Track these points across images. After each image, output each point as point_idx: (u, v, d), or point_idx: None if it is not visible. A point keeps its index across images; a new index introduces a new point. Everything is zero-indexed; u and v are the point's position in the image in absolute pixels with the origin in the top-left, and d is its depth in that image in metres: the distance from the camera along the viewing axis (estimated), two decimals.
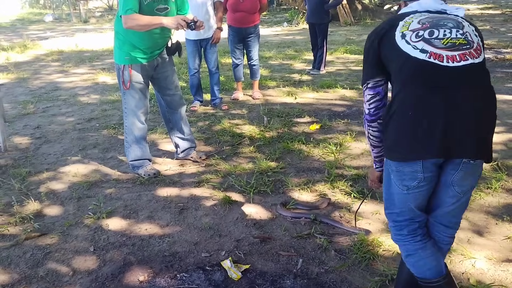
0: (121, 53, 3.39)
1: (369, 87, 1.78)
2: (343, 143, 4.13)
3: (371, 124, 1.82)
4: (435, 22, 1.65)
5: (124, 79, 3.42)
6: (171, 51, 3.55)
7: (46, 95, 6.81)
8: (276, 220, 2.90)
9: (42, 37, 15.89)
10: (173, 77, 3.70)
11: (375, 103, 1.78)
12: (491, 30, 12.03)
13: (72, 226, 2.95)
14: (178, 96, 3.77)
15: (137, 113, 3.55)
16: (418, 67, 1.58)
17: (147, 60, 3.43)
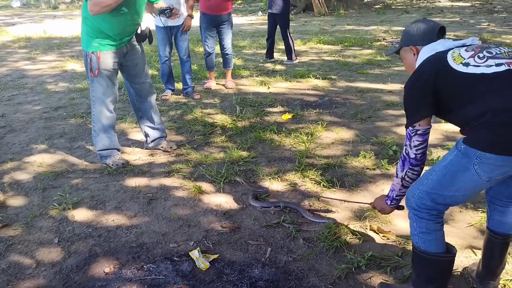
0: (89, 39, 3.29)
1: (418, 134, 1.83)
2: (314, 132, 4.14)
3: (414, 168, 1.90)
4: (479, 46, 1.77)
5: (92, 66, 3.32)
6: (141, 37, 3.49)
7: (12, 82, 6.60)
8: (246, 210, 2.89)
9: (9, 23, 15.35)
10: (143, 64, 3.62)
11: (423, 149, 1.87)
12: (460, 22, 12.28)
13: (37, 218, 2.87)
14: (148, 84, 3.70)
15: (105, 101, 3.45)
16: (504, 76, 1.64)
17: (116, 47, 3.33)
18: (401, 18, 13.83)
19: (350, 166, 3.44)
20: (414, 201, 1.87)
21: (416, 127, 1.83)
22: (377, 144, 3.84)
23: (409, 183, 1.95)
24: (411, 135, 1.85)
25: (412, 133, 1.84)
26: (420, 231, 1.89)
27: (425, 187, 1.83)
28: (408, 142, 1.87)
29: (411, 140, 1.85)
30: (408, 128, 1.86)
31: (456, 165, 1.75)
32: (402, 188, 1.99)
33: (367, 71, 6.62)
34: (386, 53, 2.23)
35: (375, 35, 10.11)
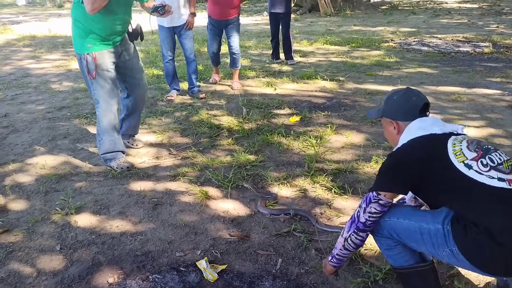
0: (82, 41, 3.21)
1: (379, 203, 1.74)
2: (323, 136, 4.03)
3: (359, 233, 1.80)
4: (480, 146, 1.72)
5: (89, 68, 3.22)
6: (133, 36, 3.46)
7: (15, 81, 6.52)
8: (254, 217, 2.78)
9: (14, 21, 15.32)
10: (137, 64, 3.60)
11: (376, 218, 1.77)
12: (469, 23, 12.13)
13: (38, 223, 2.77)
14: (142, 84, 3.67)
15: (109, 102, 3.37)
16: (503, 195, 1.59)
17: (110, 47, 3.29)
18: (409, 19, 13.69)
19: (361, 171, 3.33)
20: (375, 227, 1.82)
21: (380, 195, 1.73)
22: (389, 149, 3.72)
23: (350, 247, 1.84)
24: (371, 201, 1.74)
25: (373, 200, 1.74)
26: (384, 249, 1.87)
27: (392, 223, 1.77)
28: (364, 205, 1.77)
29: (369, 205, 1.75)
30: (371, 192, 1.76)
31: (429, 236, 1.68)
32: (344, 250, 1.87)
33: (375, 72, 6.51)
34: (368, 116, 2.11)
35: (382, 36, 9.99)
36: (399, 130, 1.87)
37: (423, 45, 8.85)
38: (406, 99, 1.87)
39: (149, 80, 6.22)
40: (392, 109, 1.89)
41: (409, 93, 1.89)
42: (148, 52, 8.52)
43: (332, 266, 1.95)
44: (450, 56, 7.69)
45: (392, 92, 1.95)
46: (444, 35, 10.00)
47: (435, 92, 5.42)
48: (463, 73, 6.37)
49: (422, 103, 1.85)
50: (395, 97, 1.89)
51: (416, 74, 6.36)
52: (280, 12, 6.99)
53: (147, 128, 4.40)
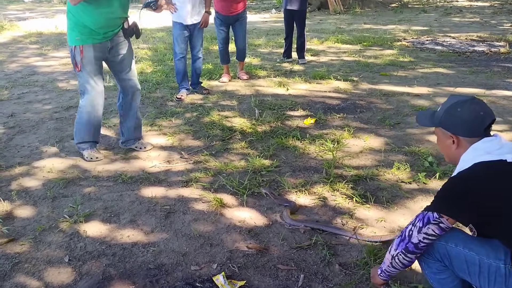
0: (72, 33, 3.30)
1: (440, 226, 1.60)
2: (340, 139, 3.88)
3: (407, 255, 1.67)
4: None
5: (76, 60, 3.33)
6: (127, 33, 3.46)
7: (22, 80, 6.40)
8: (272, 227, 2.64)
9: (20, 17, 15.23)
10: (130, 61, 3.58)
11: (431, 241, 1.63)
12: (481, 22, 11.90)
13: (45, 231, 2.64)
14: (133, 82, 3.64)
15: (91, 95, 3.45)
16: None
17: (99, 41, 3.32)
18: (419, 17, 13.46)
19: (383, 178, 3.18)
20: None
21: (442, 219, 1.58)
22: (410, 154, 3.57)
23: (398, 266, 1.72)
24: (430, 221, 1.60)
25: (433, 221, 1.59)
26: (430, 271, 1.74)
27: (449, 248, 1.64)
28: (419, 224, 1.62)
29: (426, 225, 1.60)
30: (431, 213, 1.61)
31: (487, 271, 1.57)
32: (391, 267, 1.74)
33: (390, 72, 6.33)
34: (418, 122, 1.91)
35: (394, 35, 9.79)
36: (458, 145, 1.70)
37: (437, 44, 8.65)
38: (472, 113, 1.66)
39: (158, 79, 6.09)
40: (454, 122, 1.69)
41: (475, 107, 1.67)
42: (156, 50, 8.37)
43: (382, 280, 1.85)
44: (465, 55, 7.50)
45: (454, 101, 1.71)
46: (458, 34, 9.79)
47: (453, 93, 5.24)
48: (480, 73, 6.19)
49: (490, 121, 1.66)
50: (459, 109, 1.68)
51: (432, 75, 6.18)
52: (296, 9, 6.82)
53: (157, 130, 4.26)
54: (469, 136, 1.66)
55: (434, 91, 5.36)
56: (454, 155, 1.71)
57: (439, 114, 1.74)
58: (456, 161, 1.68)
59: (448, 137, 1.72)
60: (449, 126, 1.71)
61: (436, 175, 3.15)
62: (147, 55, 7.95)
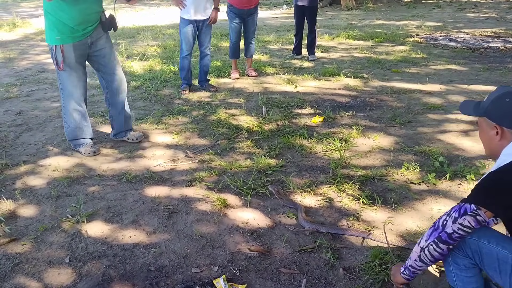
0: (51, 33, 3.30)
1: (477, 219, 1.52)
2: (348, 138, 3.80)
3: (439, 245, 1.59)
4: None
5: (57, 60, 3.34)
6: (106, 26, 3.47)
7: (32, 77, 6.43)
8: (276, 229, 2.58)
9: (33, 15, 15.34)
10: (112, 55, 3.60)
11: (465, 233, 1.56)
12: (497, 18, 11.66)
13: (48, 231, 2.63)
14: (118, 75, 3.66)
15: (74, 94, 3.48)
16: None
17: (79, 39, 3.33)
18: (433, 13, 13.24)
19: (391, 179, 3.10)
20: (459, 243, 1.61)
21: (480, 211, 1.51)
22: (420, 153, 3.48)
23: (426, 259, 1.64)
24: (468, 213, 1.52)
25: (470, 212, 1.52)
26: (455, 267, 1.67)
27: (481, 245, 1.57)
28: (455, 214, 1.55)
29: (462, 216, 1.53)
30: (469, 204, 1.54)
31: None
32: (418, 261, 1.67)
33: (402, 69, 6.21)
34: (461, 110, 1.80)
35: (407, 31, 9.63)
36: (502, 137, 1.62)
37: (451, 40, 8.48)
38: None
39: (166, 77, 6.06)
40: (501, 113, 1.62)
41: None
42: (165, 47, 8.35)
43: (404, 279, 1.77)
44: (479, 52, 7.34)
45: (503, 91, 1.65)
46: (472, 30, 9.59)
47: (466, 91, 5.12)
48: (494, 70, 6.04)
49: None
50: (507, 100, 1.60)
51: (445, 71, 6.05)
52: (307, 5, 6.72)
53: (163, 128, 4.23)
54: None
55: (446, 88, 5.24)
56: (496, 147, 1.64)
57: (484, 104, 1.68)
58: (497, 154, 1.61)
59: (492, 128, 1.64)
60: (494, 116, 1.64)
61: (447, 176, 3.06)
62: (156, 52, 7.93)
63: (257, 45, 8.38)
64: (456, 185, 2.98)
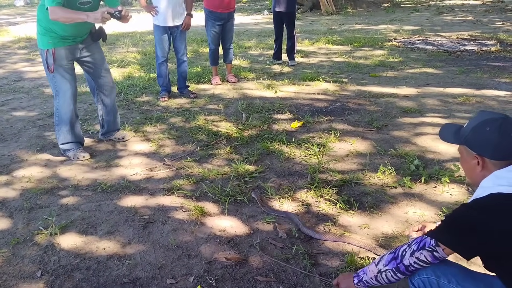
0: (43, 38, 3.43)
1: (434, 255, 1.48)
2: (326, 143, 3.82)
3: (397, 274, 1.57)
4: None
5: (48, 63, 3.45)
6: (94, 37, 3.63)
7: (7, 86, 6.32)
8: (253, 236, 2.57)
9: (11, 22, 15.12)
10: (102, 59, 3.75)
11: (422, 267, 1.53)
12: (473, 21, 11.88)
13: (20, 244, 2.56)
14: (108, 78, 3.82)
15: (66, 95, 3.57)
16: None
17: (70, 44, 3.48)
18: (411, 17, 13.44)
19: (368, 183, 3.12)
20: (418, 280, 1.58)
21: (438, 248, 1.46)
22: (396, 157, 3.51)
23: (383, 281, 1.61)
24: (425, 248, 1.48)
25: (428, 247, 1.48)
26: None
27: (441, 285, 1.53)
28: (414, 247, 1.51)
29: (420, 250, 1.49)
30: (429, 239, 1.49)
31: None
32: (374, 280, 1.65)
33: (379, 73, 6.28)
34: (441, 137, 1.69)
35: (385, 35, 9.75)
36: (483, 167, 1.52)
37: (428, 44, 8.61)
38: (503, 135, 1.48)
39: (145, 84, 6.02)
40: (481, 143, 1.51)
41: (506, 127, 1.48)
42: (145, 54, 8.30)
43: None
44: (455, 55, 7.46)
45: (483, 119, 1.53)
46: (449, 33, 9.76)
47: (442, 94, 5.19)
48: (470, 73, 6.14)
49: None
50: (487, 128, 1.50)
51: (422, 75, 6.13)
52: (284, 11, 6.76)
53: (141, 136, 4.18)
54: (497, 159, 1.49)
55: (422, 91, 5.31)
56: (477, 177, 1.54)
57: (465, 131, 1.58)
58: (478, 183, 1.53)
59: (473, 158, 1.54)
60: (475, 146, 1.53)
61: (422, 179, 3.09)
62: (135, 58, 7.87)
63: (238, 50, 8.39)
64: (431, 188, 3.01)
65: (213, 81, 6.04)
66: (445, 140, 1.66)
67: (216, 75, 6.11)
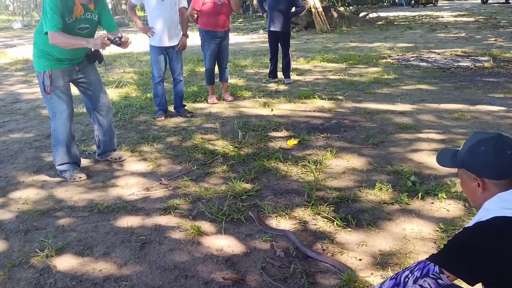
0: (40, 60, 3.48)
1: (438, 282, 1.42)
2: (323, 160, 3.82)
3: None
4: None
5: (44, 84, 3.49)
6: (91, 59, 3.68)
7: (4, 108, 6.34)
8: (250, 255, 2.55)
9: (8, 44, 15.26)
10: (97, 80, 3.79)
11: None
12: (467, 37, 12.05)
13: (15, 267, 2.54)
14: (104, 99, 3.85)
15: (63, 116, 3.59)
16: None
17: (66, 66, 3.52)
18: (405, 34, 13.63)
19: (365, 200, 3.12)
20: None
21: (443, 275, 1.41)
22: (392, 173, 3.52)
23: None
24: (429, 275, 1.43)
25: (431, 274, 1.43)
26: None
27: None
28: (417, 273, 1.46)
29: (423, 277, 1.44)
30: (433, 265, 1.44)
31: None
32: None
33: (374, 90, 6.34)
34: (438, 162, 1.63)
35: (380, 52, 9.87)
36: (484, 188, 1.48)
37: (422, 60, 8.72)
38: (499, 154, 1.44)
39: (142, 104, 6.05)
40: (478, 164, 1.48)
41: (502, 145, 1.45)
42: (142, 74, 8.36)
43: None
44: (450, 71, 7.55)
45: (476, 140, 1.50)
46: (443, 50, 9.89)
47: (437, 110, 5.23)
48: (464, 89, 6.20)
49: None
50: (482, 148, 1.47)
51: (416, 91, 6.19)
52: (279, 30, 6.85)
53: (137, 156, 4.19)
54: (496, 179, 1.45)
55: (418, 108, 5.36)
56: (479, 199, 1.49)
57: (461, 154, 1.55)
58: (481, 206, 1.48)
59: (472, 180, 1.50)
60: (472, 167, 1.50)
61: (419, 195, 3.09)
62: (132, 79, 7.93)
63: (234, 69, 8.47)
64: (428, 204, 3.01)
65: (209, 100, 6.08)
66: (443, 165, 1.63)
67: (213, 94, 6.15)
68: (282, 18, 6.79)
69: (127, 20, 22.81)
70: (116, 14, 26.01)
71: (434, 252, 1.62)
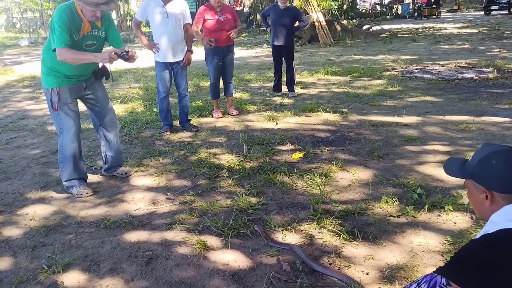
0: (48, 77, 3.53)
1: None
2: (328, 173, 3.83)
3: None
4: None
5: (52, 101, 3.54)
6: (98, 75, 3.74)
7: (12, 124, 6.41)
8: (257, 270, 2.55)
9: (16, 62, 15.46)
10: (105, 97, 3.86)
11: None
12: (470, 49, 12.07)
13: (23, 284, 2.55)
14: (111, 116, 3.90)
15: (70, 132, 3.63)
16: None
17: (74, 83, 3.58)
18: (409, 47, 13.68)
19: (371, 213, 3.11)
20: None
21: (450, 287, 1.41)
22: (399, 186, 3.51)
23: None
24: (436, 286, 1.44)
25: (439, 286, 1.44)
26: None
27: None
28: (424, 286, 1.49)
29: None
30: (440, 277, 1.45)
31: None
32: None
33: (379, 103, 6.35)
34: (446, 172, 1.66)
35: (383, 65, 9.90)
36: (492, 201, 1.48)
37: (426, 72, 8.73)
38: (509, 168, 1.45)
39: (148, 119, 6.09)
40: (488, 176, 1.48)
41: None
42: (147, 89, 8.44)
43: None
44: (454, 83, 7.55)
45: (488, 152, 1.51)
46: (446, 61, 9.91)
47: (442, 121, 5.23)
48: (469, 100, 6.20)
49: None
50: (494, 162, 1.47)
51: (421, 103, 6.19)
52: (283, 44, 6.92)
53: (143, 171, 4.21)
54: (505, 193, 1.45)
55: (423, 120, 5.36)
56: (486, 212, 1.50)
57: (471, 165, 1.55)
58: (488, 218, 1.50)
59: (480, 192, 1.51)
60: (482, 179, 1.50)
61: (425, 208, 3.08)
62: (138, 94, 8.00)
63: (238, 83, 8.53)
64: (435, 216, 3.00)
65: (214, 114, 6.12)
66: (451, 174, 1.63)
67: (217, 109, 6.19)
68: (285, 33, 6.85)
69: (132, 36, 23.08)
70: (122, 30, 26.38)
71: (441, 265, 1.61)
